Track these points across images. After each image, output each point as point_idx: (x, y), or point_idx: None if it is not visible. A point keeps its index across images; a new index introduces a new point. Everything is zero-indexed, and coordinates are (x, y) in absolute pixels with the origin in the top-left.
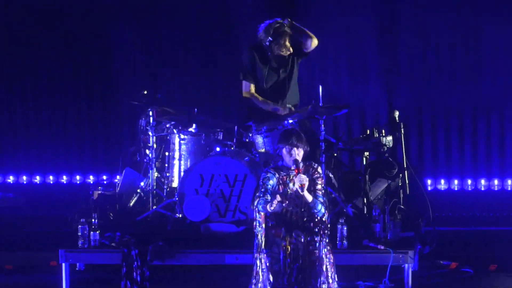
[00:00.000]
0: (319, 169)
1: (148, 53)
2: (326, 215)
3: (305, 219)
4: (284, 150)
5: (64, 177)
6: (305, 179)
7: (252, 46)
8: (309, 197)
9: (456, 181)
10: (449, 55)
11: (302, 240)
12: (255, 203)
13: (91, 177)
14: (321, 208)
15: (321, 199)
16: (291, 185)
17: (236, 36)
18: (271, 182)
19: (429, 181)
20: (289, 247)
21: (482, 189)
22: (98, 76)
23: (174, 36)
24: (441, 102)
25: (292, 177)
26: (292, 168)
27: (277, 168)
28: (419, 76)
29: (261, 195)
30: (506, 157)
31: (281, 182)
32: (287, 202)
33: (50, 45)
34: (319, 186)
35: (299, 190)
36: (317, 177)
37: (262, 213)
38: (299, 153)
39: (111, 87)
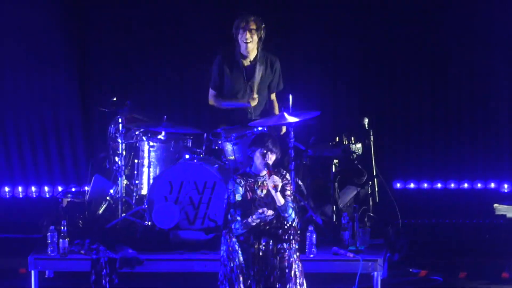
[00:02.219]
0: (288, 176)
1: (119, 60)
2: (296, 221)
3: (273, 225)
4: (257, 153)
5: (33, 188)
6: (278, 180)
7: (222, 53)
8: (281, 200)
9: (425, 184)
10: (418, 60)
11: (271, 246)
12: (232, 228)
13: (59, 188)
14: (291, 213)
15: (291, 205)
16: (259, 191)
17: (207, 44)
18: (237, 196)
19: (398, 184)
20: (257, 254)
21: (452, 186)
22: (67, 82)
23: (145, 42)
24: (413, 106)
25: (262, 181)
26: (264, 172)
27: (245, 175)
28: (390, 81)
29: (232, 219)
30: (478, 160)
31: (248, 189)
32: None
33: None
34: (288, 192)
35: (272, 191)
36: (286, 184)
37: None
38: (271, 158)
39: (81, 93)
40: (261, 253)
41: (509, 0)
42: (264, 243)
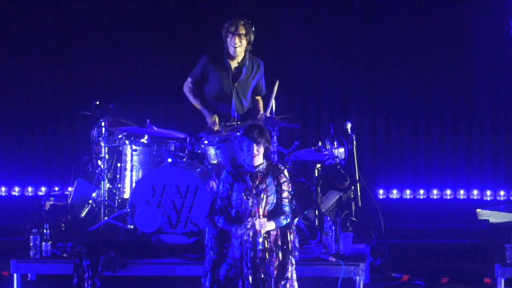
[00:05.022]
0: (286, 172)
1: (103, 63)
2: (294, 223)
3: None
4: (244, 145)
5: (16, 188)
6: (263, 225)
7: (210, 53)
8: (271, 226)
9: (408, 191)
10: (401, 68)
11: (263, 246)
12: (215, 220)
13: (43, 188)
14: (285, 223)
15: (287, 208)
16: (250, 183)
17: (191, 47)
18: (226, 185)
19: (381, 191)
20: (246, 252)
21: (435, 197)
22: (51, 85)
23: (129, 46)
24: (394, 112)
25: (255, 172)
26: (257, 162)
27: (238, 166)
28: (373, 86)
29: (219, 209)
30: (458, 167)
31: (240, 179)
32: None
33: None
34: (285, 194)
35: (258, 234)
36: (284, 182)
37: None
38: (258, 149)
39: (65, 97)
40: (252, 253)
41: (493, 12)
42: (259, 242)
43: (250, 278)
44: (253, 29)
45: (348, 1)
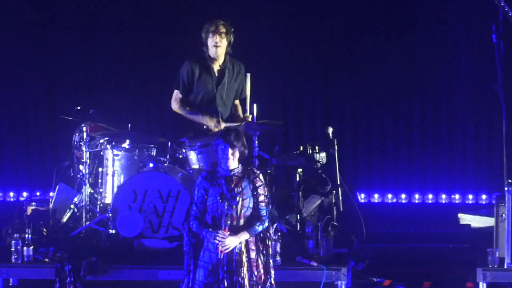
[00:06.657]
0: (261, 177)
1: (84, 68)
2: (270, 228)
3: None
4: (219, 148)
5: None
6: (229, 247)
7: (192, 58)
8: (244, 237)
9: (389, 195)
10: (383, 72)
11: (239, 250)
12: (190, 223)
13: (24, 193)
14: (261, 229)
15: (264, 212)
16: (225, 187)
17: (172, 52)
18: (201, 191)
19: (362, 195)
20: (222, 254)
21: (416, 202)
22: (32, 90)
23: (110, 51)
24: (376, 116)
25: (231, 176)
26: (231, 165)
27: (214, 172)
28: (355, 91)
29: (197, 214)
30: (440, 171)
31: (216, 183)
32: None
33: None
34: (262, 197)
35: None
36: (260, 186)
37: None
38: (233, 153)
39: (46, 102)
40: (228, 256)
41: (475, 16)
42: (236, 246)
43: (226, 283)
44: (233, 29)
45: (331, 5)
